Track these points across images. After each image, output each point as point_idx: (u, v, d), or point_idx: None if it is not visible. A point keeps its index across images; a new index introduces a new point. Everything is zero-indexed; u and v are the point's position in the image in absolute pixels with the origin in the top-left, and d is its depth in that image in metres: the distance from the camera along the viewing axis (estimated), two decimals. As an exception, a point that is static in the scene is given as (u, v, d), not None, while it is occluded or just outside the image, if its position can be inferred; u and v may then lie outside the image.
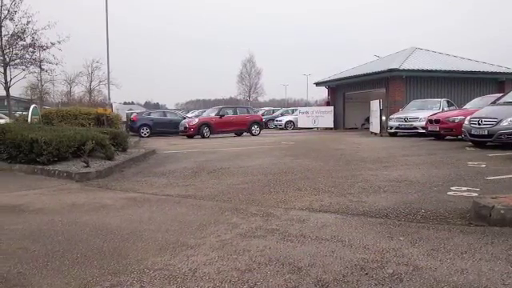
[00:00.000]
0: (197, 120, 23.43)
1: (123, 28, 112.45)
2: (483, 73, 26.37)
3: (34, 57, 19.64)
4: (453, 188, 6.38)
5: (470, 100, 18.49)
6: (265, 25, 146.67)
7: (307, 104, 72.80)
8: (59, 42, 19.57)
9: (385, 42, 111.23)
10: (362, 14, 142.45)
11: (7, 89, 19.45)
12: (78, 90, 60.86)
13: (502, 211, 4.44)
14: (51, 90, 53.72)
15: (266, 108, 46.46)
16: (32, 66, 20.00)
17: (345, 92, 30.60)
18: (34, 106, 15.25)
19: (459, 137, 13.93)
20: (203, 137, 22.19)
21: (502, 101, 12.85)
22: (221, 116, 23.82)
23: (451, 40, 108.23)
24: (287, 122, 33.46)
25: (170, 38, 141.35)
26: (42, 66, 20.32)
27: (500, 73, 27.04)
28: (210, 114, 24.88)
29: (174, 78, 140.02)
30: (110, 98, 29.74)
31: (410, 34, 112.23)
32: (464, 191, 6.14)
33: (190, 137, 22.21)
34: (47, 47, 19.49)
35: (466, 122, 12.62)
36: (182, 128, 23.32)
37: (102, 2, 26.79)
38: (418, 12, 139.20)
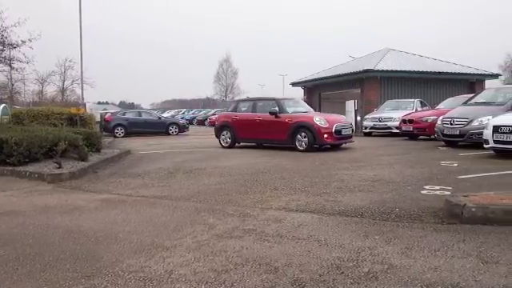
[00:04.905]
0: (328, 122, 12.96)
1: (97, 29, 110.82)
2: (455, 74, 26.92)
3: (3, 55, 19.02)
4: (426, 187, 6.49)
5: (443, 100, 18.84)
6: (241, 24, 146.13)
7: (283, 104, 72.90)
8: (30, 40, 18.92)
9: (356, 42, 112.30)
10: (335, 15, 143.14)
11: (-25, 88, 18.84)
12: (51, 90, 59.73)
13: (473, 209, 4.54)
14: (22, 90, 52.65)
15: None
16: (1, 65, 19.37)
17: (320, 92, 30.78)
18: (3, 105, 14.91)
19: (432, 136, 14.19)
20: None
21: (473, 101, 13.16)
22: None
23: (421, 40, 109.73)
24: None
25: (146, 42, 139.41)
26: (12, 65, 19.72)
27: (471, 74, 27.65)
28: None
29: (150, 78, 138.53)
30: (83, 98, 29.24)
31: (382, 35, 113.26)
32: (437, 190, 6.25)
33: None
34: (17, 45, 18.92)
35: (439, 121, 12.85)
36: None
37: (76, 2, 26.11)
38: (389, 12, 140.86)
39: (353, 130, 14.01)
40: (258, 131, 13.95)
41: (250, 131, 14.25)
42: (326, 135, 12.58)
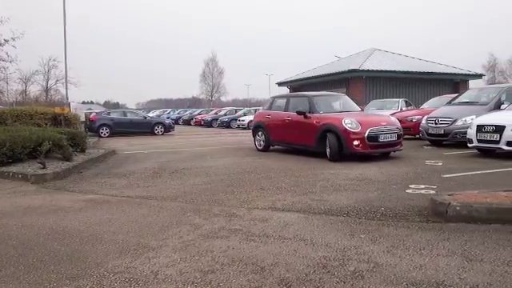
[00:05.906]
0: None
1: (83, 28, 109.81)
2: (439, 74, 27.27)
3: (-15, 54, 18.69)
4: (411, 186, 6.55)
5: (428, 100, 19.03)
6: (230, 25, 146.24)
7: (269, 104, 73.01)
8: (13, 39, 18.68)
9: (341, 42, 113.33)
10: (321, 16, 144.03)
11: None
12: (34, 89, 59.18)
13: (458, 208, 4.59)
14: (5, 89, 51.75)
15: (229, 108, 46.37)
16: (-18, 64, 19.05)
17: (306, 92, 30.90)
18: (-14, 105, 14.64)
19: (417, 136, 14.32)
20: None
21: (457, 101, 13.32)
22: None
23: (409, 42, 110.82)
24: (250, 122, 33.42)
25: (131, 41, 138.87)
26: (-6, 64, 19.39)
27: (455, 74, 28.04)
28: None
29: (135, 77, 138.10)
30: (67, 97, 28.87)
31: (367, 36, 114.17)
32: (422, 189, 6.31)
33: None
34: (0, 44, 18.64)
35: (424, 121, 12.97)
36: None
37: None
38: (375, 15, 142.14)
39: (400, 136, 10.59)
40: (288, 134, 11.83)
41: (281, 133, 12.17)
42: (356, 142, 9.84)
